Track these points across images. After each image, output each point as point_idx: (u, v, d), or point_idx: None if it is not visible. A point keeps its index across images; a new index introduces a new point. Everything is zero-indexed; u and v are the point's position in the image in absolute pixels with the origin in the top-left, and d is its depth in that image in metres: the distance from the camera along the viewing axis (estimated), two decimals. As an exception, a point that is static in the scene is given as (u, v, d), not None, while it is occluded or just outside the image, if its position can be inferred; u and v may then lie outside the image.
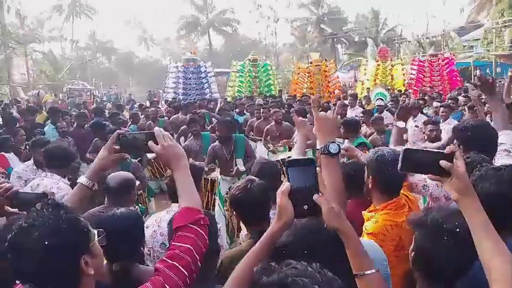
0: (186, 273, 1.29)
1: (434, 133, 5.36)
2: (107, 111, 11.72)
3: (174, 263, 1.29)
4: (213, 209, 5.18)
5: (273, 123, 7.21)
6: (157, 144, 1.48)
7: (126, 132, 1.61)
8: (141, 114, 9.47)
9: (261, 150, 7.43)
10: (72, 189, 1.74)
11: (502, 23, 22.32)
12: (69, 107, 16.72)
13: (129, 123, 8.91)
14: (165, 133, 1.52)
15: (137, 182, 4.98)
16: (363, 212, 2.34)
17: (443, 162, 1.21)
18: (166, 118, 9.26)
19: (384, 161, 2.19)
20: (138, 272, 1.63)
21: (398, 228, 2.11)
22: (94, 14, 47.80)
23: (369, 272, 1.25)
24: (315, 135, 1.59)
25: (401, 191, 2.34)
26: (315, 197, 1.20)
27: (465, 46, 26.04)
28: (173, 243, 1.35)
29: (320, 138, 1.57)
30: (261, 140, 7.39)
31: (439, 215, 1.49)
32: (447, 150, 1.25)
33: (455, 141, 2.75)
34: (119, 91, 25.26)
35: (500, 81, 15.86)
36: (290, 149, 6.33)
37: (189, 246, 1.33)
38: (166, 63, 36.05)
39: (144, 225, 2.70)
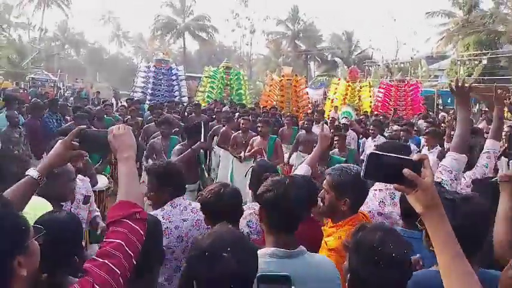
0: (118, 271, 1.18)
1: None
2: (69, 105, 11.29)
3: (105, 261, 1.18)
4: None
5: (240, 131, 7.11)
6: None
7: (89, 128, 1.53)
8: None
9: (225, 158, 7.28)
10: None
11: (466, 56, 23.52)
12: (30, 97, 16.03)
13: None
14: (124, 124, 1.48)
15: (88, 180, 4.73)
16: (323, 227, 2.29)
17: (406, 171, 1.05)
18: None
19: (361, 180, 2.13)
20: (68, 284, 1.47)
21: None
22: (67, 4, 46.33)
23: None
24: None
25: None
26: None
27: (430, 76, 27.11)
28: (104, 239, 1.25)
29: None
30: (227, 148, 7.21)
31: (374, 239, 1.43)
32: (416, 157, 1.09)
33: None
34: (84, 86, 24.38)
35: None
36: (255, 159, 6.22)
37: (119, 241, 1.22)
38: (137, 62, 35.27)
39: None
